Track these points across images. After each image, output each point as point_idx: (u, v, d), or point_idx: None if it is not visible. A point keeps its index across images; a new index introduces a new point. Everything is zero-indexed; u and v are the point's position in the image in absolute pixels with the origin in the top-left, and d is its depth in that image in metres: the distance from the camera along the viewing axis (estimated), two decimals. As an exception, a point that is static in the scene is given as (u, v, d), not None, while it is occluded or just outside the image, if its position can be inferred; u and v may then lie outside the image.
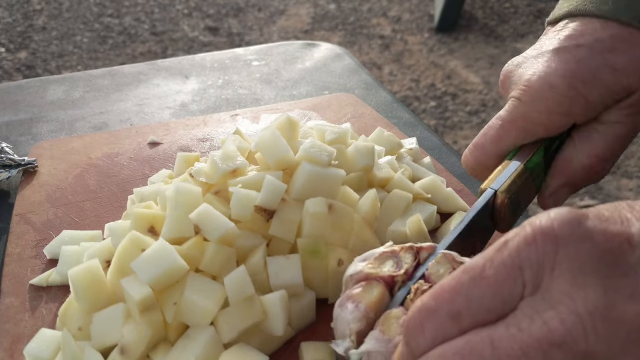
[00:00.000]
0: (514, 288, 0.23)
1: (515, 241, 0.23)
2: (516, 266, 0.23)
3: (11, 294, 0.44)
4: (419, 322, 0.24)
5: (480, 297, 0.23)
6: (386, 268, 0.34)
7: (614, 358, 0.21)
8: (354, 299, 0.32)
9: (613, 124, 0.40)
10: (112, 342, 0.37)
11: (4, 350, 0.40)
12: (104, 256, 0.42)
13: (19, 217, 0.53)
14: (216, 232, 0.39)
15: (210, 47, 3.06)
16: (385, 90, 0.79)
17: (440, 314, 0.24)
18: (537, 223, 0.23)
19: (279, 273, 0.39)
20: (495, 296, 0.23)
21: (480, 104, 2.54)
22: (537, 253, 0.23)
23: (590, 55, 0.39)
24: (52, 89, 0.80)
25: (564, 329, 0.21)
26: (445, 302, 0.24)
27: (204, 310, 0.36)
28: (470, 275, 0.24)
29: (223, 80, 0.83)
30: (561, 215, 0.23)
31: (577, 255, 0.22)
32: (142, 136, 0.66)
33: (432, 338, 0.24)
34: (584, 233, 0.22)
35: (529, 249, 0.23)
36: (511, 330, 0.22)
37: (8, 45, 3.07)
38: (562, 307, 0.21)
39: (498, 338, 0.22)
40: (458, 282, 0.24)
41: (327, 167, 0.44)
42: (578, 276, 0.22)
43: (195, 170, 0.45)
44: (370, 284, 0.33)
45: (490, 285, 0.23)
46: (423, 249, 0.35)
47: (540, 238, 0.23)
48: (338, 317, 0.33)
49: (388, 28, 3.26)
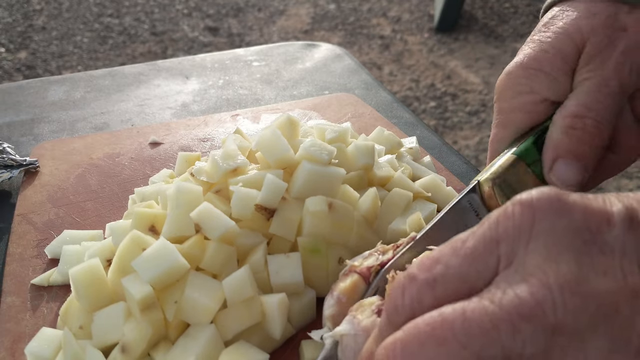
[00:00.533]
0: (489, 260, 0.23)
1: (495, 214, 0.24)
2: (493, 239, 0.23)
3: (12, 293, 0.44)
4: (400, 288, 0.25)
5: (456, 266, 0.23)
6: (367, 262, 0.36)
7: (583, 333, 0.21)
8: (331, 290, 0.35)
9: (580, 82, 0.39)
10: (113, 341, 0.37)
11: (5, 349, 0.40)
12: (104, 255, 0.42)
13: (21, 217, 0.53)
14: (217, 231, 0.39)
15: (210, 48, 3.06)
16: (385, 91, 0.79)
17: (418, 280, 0.24)
18: (517, 198, 0.23)
19: (279, 271, 0.40)
20: (471, 266, 0.23)
21: (480, 104, 2.54)
22: (514, 226, 0.23)
23: (541, 30, 0.41)
24: (53, 90, 0.81)
25: (533, 301, 0.21)
26: (424, 270, 0.24)
27: (205, 308, 0.37)
28: (452, 246, 0.24)
29: (224, 80, 0.84)
30: (542, 190, 0.23)
31: (554, 230, 0.22)
32: (143, 136, 0.66)
33: (410, 305, 0.24)
34: (563, 208, 0.22)
35: (506, 222, 0.23)
36: (483, 302, 0.22)
37: (8, 45, 3.07)
38: (533, 280, 0.21)
39: (470, 310, 0.22)
40: (440, 252, 0.25)
41: (327, 165, 0.44)
42: (553, 250, 0.22)
43: (196, 170, 0.45)
44: (347, 275, 0.35)
45: (467, 255, 0.23)
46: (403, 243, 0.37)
47: (518, 210, 0.23)
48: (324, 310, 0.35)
49: (388, 28, 3.26)
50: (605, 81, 0.38)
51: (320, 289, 0.42)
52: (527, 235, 0.22)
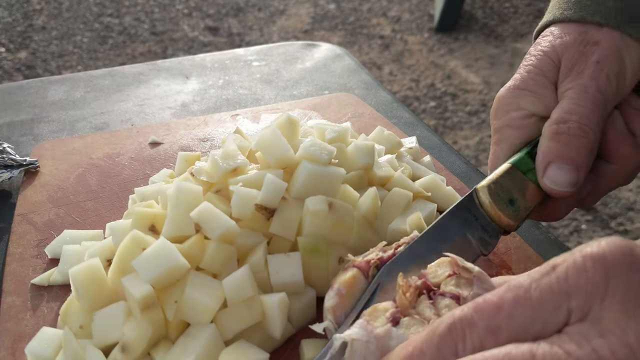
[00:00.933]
0: (558, 313, 0.23)
1: (564, 266, 0.23)
2: (563, 292, 0.23)
3: (13, 293, 0.45)
4: (459, 330, 0.25)
5: (523, 317, 0.23)
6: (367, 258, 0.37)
7: None
8: (332, 284, 0.36)
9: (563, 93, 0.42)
10: (113, 340, 0.37)
11: (5, 348, 0.40)
12: (105, 255, 0.42)
13: (21, 217, 0.53)
14: (217, 231, 0.39)
15: (210, 47, 3.06)
16: (385, 90, 0.79)
17: (479, 327, 0.24)
18: (587, 250, 0.23)
19: (279, 271, 0.40)
20: (537, 318, 0.23)
21: (480, 104, 2.54)
22: (587, 281, 0.23)
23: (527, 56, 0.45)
24: (53, 90, 0.81)
25: (614, 358, 0.21)
26: (486, 316, 0.24)
27: (205, 308, 0.37)
28: (515, 294, 0.24)
29: (224, 80, 0.84)
30: (613, 243, 0.23)
31: (629, 285, 0.22)
32: (143, 136, 0.66)
33: (471, 349, 0.24)
34: (636, 262, 0.22)
35: (579, 276, 0.23)
36: (555, 350, 0.22)
37: (8, 45, 3.07)
38: (612, 338, 0.21)
39: (541, 354, 0.22)
40: (501, 299, 0.24)
41: (327, 165, 0.44)
42: (629, 307, 0.22)
43: (196, 169, 0.45)
44: (346, 269, 0.36)
45: (534, 307, 0.23)
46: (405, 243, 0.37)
47: (590, 265, 0.23)
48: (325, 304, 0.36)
49: (388, 28, 3.26)
50: (584, 88, 0.40)
51: (320, 288, 0.42)
52: (602, 291, 0.22)
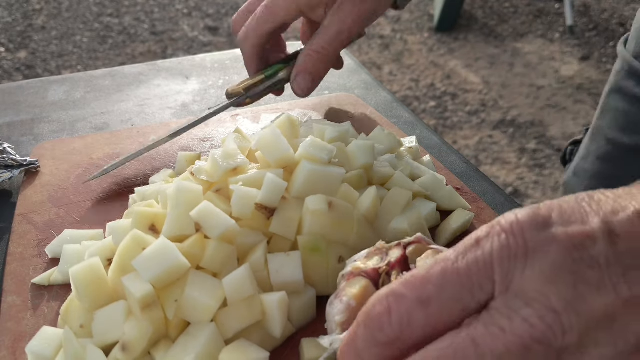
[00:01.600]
0: (485, 284, 0.24)
1: (488, 240, 0.25)
2: (488, 264, 0.24)
3: (13, 292, 0.45)
4: (384, 305, 0.25)
5: (451, 289, 0.24)
6: (372, 263, 0.35)
7: (587, 346, 0.22)
8: (339, 295, 0.33)
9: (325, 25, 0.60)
10: (113, 340, 0.37)
11: (6, 348, 0.40)
12: (105, 254, 0.42)
13: (21, 217, 0.53)
14: (217, 230, 0.39)
15: (210, 47, 3.06)
16: (385, 90, 0.79)
17: (409, 299, 0.24)
18: (502, 221, 0.25)
19: (279, 270, 0.40)
20: (464, 289, 0.24)
21: (480, 104, 2.54)
22: (510, 254, 0.24)
23: None
24: (53, 90, 0.81)
25: (544, 325, 0.22)
26: (415, 289, 0.25)
27: (205, 307, 0.37)
28: (442, 266, 0.25)
29: (224, 80, 0.84)
30: (525, 213, 0.25)
31: (546, 256, 0.24)
32: (143, 136, 0.66)
33: (398, 323, 0.24)
34: (550, 237, 0.24)
35: (501, 250, 0.24)
36: (491, 329, 0.23)
37: (8, 45, 3.07)
38: (537, 305, 0.23)
39: (480, 336, 0.23)
40: (428, 272, 0.25)
41: (327, 165, 0.44)
42: (548, 274, 0.23)
43: (196, 169, 0.45)
44: (354, 278, 0.34)
45: (461, 276, 0.24)
46: (412, 243, 0.36)
47: (508, 235, 0.24)
48: (328, 316, 0.34)
49: (388, 28, 3.26)
50: (341, 32, 0.59)
51: (320, 287, 0.42)
52: (522, 263, 0.24)
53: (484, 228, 0.25)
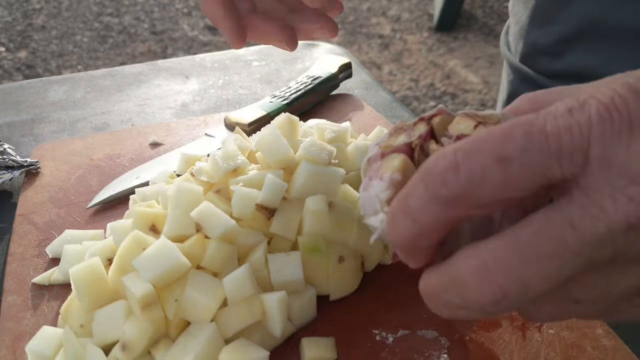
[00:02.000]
0: (576, 156, 0.21)
1: (584, 114, 0.21)
2: (584, 135, 0.20)
3: (14, 292, 0.45)
4: (451, 159, 0.21)
5: (538, 150, 0.20)
6: (400, 139, 0.30)
7: None
8: (375, 176, 0.29)
9: None
10: (113, 339, 0.37)
11: (6, 347, 0.40)
12: (105, 254, 0.42)
13: (22, 217, 0.53)
14: (217, 230, 0.39)
15: (210, 47, 3.07)
16: (385, 90, 0.80)
17: (484, 154, 0.21)
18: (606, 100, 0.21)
19: (280, 270, 0.40)
20: (552, 155, 0.20)
21: (479, 104, 2.54)
22: (613, 129, 0.20)
23: None
24: (53, 90, 0.81)
25: None
26: (494, 145, 0.21)
27: (205, 306, 0.37)
28: (525, 128, 0.21)
29: (223, 80, 0.84)
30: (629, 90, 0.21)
31: None
32: (144, 136, 0.66)
33: (468, 176, 0.21)
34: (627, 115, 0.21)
35: (602, 125, 0.20)
36: (591, 210, 0.20)
37: (8, 44, 3.07)
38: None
39: (578, 218, 0.20)
40: (510, 129, 0.21)
41: (327, 165, 0.44)
42: None
43: (196, 170, 0.45)
44: (388, 157, 0.29)
45: (550, 142, 0.20)
46: (435, 115, 0.31)
47: (616, 116, 0.21)
48: (365, 201, 0.30)
49: (387, 27, 3.26)
50: None
51: (320, 287, 0.42)
52: (627, 136, 0.20)
53: (572, 99, 0.22)
